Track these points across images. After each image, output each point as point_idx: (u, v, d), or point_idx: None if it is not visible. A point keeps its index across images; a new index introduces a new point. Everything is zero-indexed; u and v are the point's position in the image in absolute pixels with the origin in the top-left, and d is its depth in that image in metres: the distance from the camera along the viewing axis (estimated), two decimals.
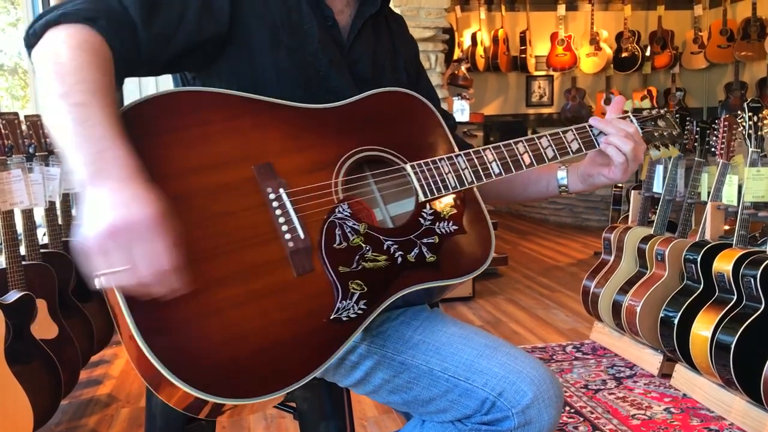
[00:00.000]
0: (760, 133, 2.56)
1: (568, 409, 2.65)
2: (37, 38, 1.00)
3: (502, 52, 8.00)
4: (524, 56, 8.07)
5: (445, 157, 1.21)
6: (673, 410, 2.62)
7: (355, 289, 1.07)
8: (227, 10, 1.14)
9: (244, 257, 1.01)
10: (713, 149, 2.87)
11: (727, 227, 2.88)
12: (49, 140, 2.82)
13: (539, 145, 1.27)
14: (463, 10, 7.99)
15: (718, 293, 2.57)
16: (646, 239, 3.06)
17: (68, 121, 0.93)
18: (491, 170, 1.23)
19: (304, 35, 1.20)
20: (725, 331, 2.41)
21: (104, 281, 0.90)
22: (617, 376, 2.99)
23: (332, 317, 1.04)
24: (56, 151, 2.88)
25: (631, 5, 7.97)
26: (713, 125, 2.92)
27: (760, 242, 2.76)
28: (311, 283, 1.04)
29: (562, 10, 7.98)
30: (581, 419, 2.56)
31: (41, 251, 2.54)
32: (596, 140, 1.30)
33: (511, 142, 1.26)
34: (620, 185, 5.89)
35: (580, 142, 1.30)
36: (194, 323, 0.96)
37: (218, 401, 0.94)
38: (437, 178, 1.19)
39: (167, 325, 0.94)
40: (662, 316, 2.79)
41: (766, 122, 2.56)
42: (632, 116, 1.37)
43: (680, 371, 2.82)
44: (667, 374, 2.91)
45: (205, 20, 1.11)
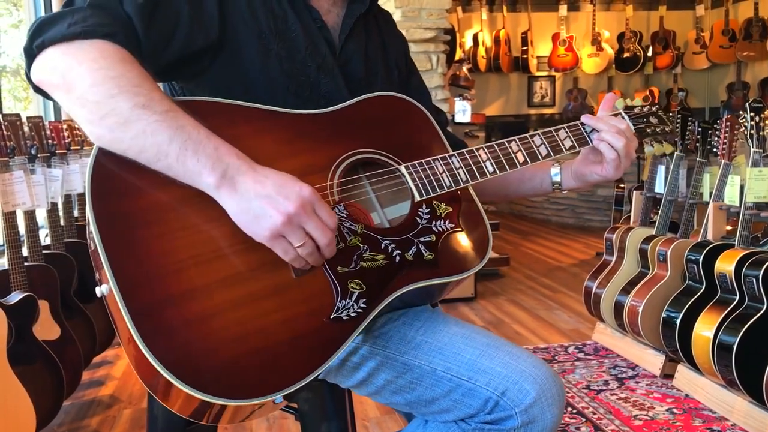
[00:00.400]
0: (762, 133, 2.56)
1: (570, 409, 2.65)
2: (40, 51, 0.99)
3: (503, 52, 8.01)
4: (526, 57, 8.08)
5: (438, 157, 1.22)
6: (675, 411, 2.62)
7: (354, 288, 1.07)
8: (216, 21, 1.15)
9: (242, 259, 1.02)
10: (715, 149, 2.87)
11: (729, 228, 2.88)
12: (51, 142, 2.82)
13: (532, 143, 1.28)
14: (464, 10, 8.00)
15: (720, 294, 2.57)
16: (648, 240, 3.06)
17: (166, 130, 0.96)
18: (485, 169, 1.24)
19: (291, 42, 1.21)
20: (727, 331, 2.41)
21: (292, 257, 0.99)
22: (619, 376, 2.99)
23: (332, 316, 1.04)
24: (58, 152, 2.88)
25: (632, 5, 7.97)
26: (715, 125, 2.92)
27: (762, 243, 2.76)
28: (310, 283, 1.05)
29: (563, 10, 7.98)
30: (583, 420, 2.56)
31: (43, 252, 2.54)
32: (589, 137, 1.31)
33: (504, 141, 1.27)
34: (622, 185, 5.89)
35: (573, 139, 1.30)
36: (194, 325, 0.96)
37: (219, 402, 0.94)
38: (432, 177, 1.20)
39: (167, 327, 0.94)
40: (664, 316, 2.79)
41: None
42: (624, 113, 1.37)
43: (682, 372, 2.82)
44: (669, 375, 2.91)
45: (195, 32, 1.12)
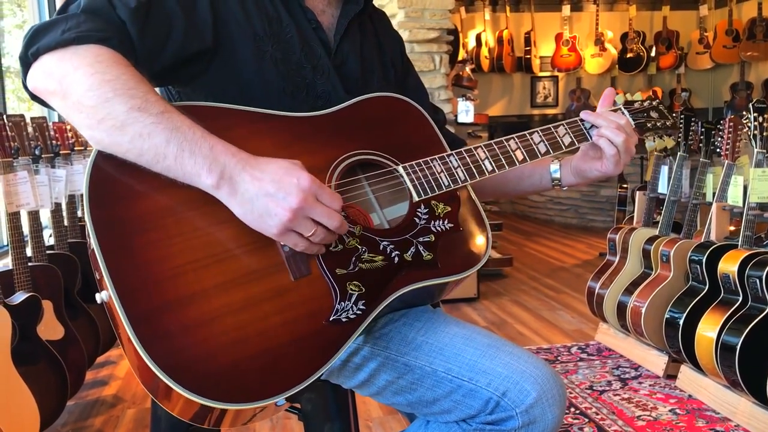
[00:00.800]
0: (765, 133, 2.56)
1: (573, 410, 2.65)
2: (35, 59, 1.00)
3: (506, 52, 8.00)
4: (529, 57, 8.07)
5: (436, 156, 1.22)
6: (678, 411, 2.61)
7: (353, 290, 1.07)
8: (210, 26, 1.15)
9: (241, 263, 1.02)
10: (718, 150, 2.87)
11: (732, 228, 2.88)
12: (55, 142, 2.83)
13: (531, 141, 1.28)
14: (467, 11, 7.99)
15: (723, 294, 2.56)
16: (651, 240, 3.06)
17: (162, 132, 0.96)
18: (484, 168, 1.23)
19: (286, 44, 1.21)
20: (730, 332, 2.40)
21: (304, 247, 1.00)
22: (622, 377, 2.99)
23: (332, 318, 1.05)
24: (62, 152, 2.89)
25: (636, 5, 7.96)
26: (718, 126, 2.92)
27: (765, 243, 2.76)
28: (309, 286, 1.05)
29: (566, 10, 7.97)
30: (586, 420, 2.56)
31: (47, 252, 2.55)
32: (588, 133, 1.30)
33: (502, 139, 1.26)
34: (625, 186, 5.88)
35: (572, 136, 1.30)
36: (193, 330, 0.96)
37: (219, 406, 0.94)
38: (430, 177, 1.19)
39: (166, 332, 0.95)
40: (667, 317, 2.79)
41: None
42: (624, 108, 1.37)
43: (685, 372, 2.81)
44: (672, 375, 2.91)
45: (190, 36, 1.13)
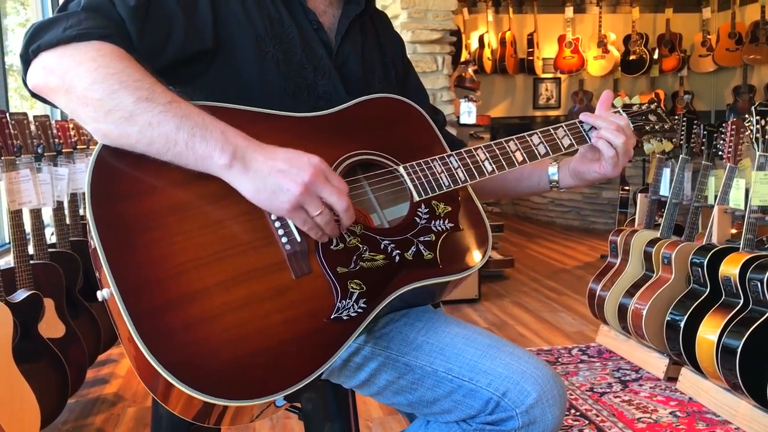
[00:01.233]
0: (767, 136, 2.56)
1: (573, 412, 2.65)
2: (36, 56, 1.00)
3: (509, 54, 8.00)
4: (531, 58, 8.06)
5: (437, 157, 1.22)
6: (678, 414, 2.61)
7: (354, 288, 1.07)
8: (210, 27, 1.15)
9: (242, 262, 1.02)
10: (720, 153, 2.87)
11: (734, 231, 2.88)
12: (57, 141, 2.84)
13: (531, 142, 1.28)
14: (470, 12, 7.99)
15: (724, 297, 2.56)
16: (652, 242, 3.06)
17: (171, 120, 0.98)
18: (484, 168, 1.24)
19: (288, 45, 1.21)
20: (731, 335, 2.40)
21: (310, 227, 1.02)
22: (623, 379, 2.99)
23: (333, 317, 1.05)
24: (64, 151, 2.89)
25: (639, 8, 7.95)
26: (721, 129, 2.92)
27: (767, 246, 2.75)
28: (310, 284, 1.05)
29: (569, 12, 7.96)
30: (586, 422, 2.56)
31: (49, 251, 2.55)
32: (587, 135, 1.31)
33: (502, 140, 1.27)
34: (627, 188, 5.88)
35: (571, 138, 1.30)
36: (195, 327, 0.96)
37: (221, 403, 0.94)
38: (430, 177, 1.20)
39: (168, 330, 0.95)
40: (668, 319, 2.79)
41: None
42: (622, 111, 1.37)
43: (686, 375, 2.81)
44: (672, 378, 2.91)
45: (190, 37, 1.13)
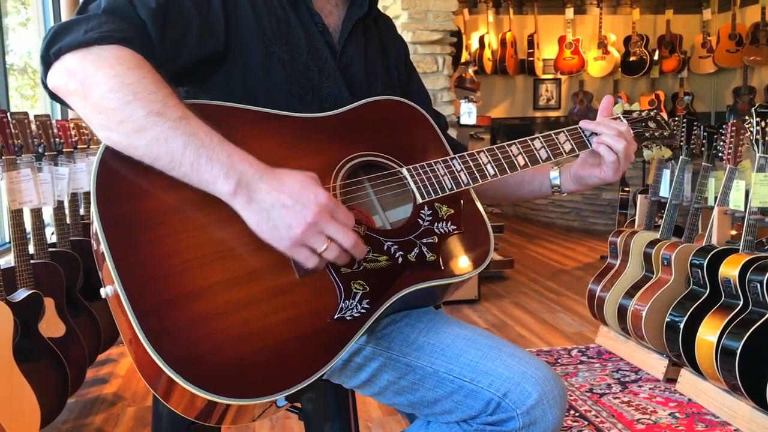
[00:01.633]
0: (767, 138, 2.56)
1: (572, 413, 2.65)
2: (57, 58, 0.99)
3: (509, 55, 8.01)
4: (532, 59, 8.07)
5: (440, 160, 1.23)
6: (678, 415, 2.62)
7: (357, 288, 1.08)
8: (222, 28, 1.16)
9: (246, 261, 1.02)
10: (720, 154, 2.87)
11: (733, 232, 2.88)
12: (58, 140, 2.84)
13: (533, 146, 1.30)
14: (471, 12, 8.00)
15: (724, 298, 2.57)
16: (652, 243, 3.06)
17: (180, 138, 0.95)
18: (486, 172, 1.25)
19: (294, 46, 1.22)
20: (731, 336, 2.41)
21: (314, 264, 0.99)
22: (622, 380, 2.99)
23: (336, 317, 1.05)
24: (65, 150, 2.89)
25: (639, 9, 7.97)
26: (721, 130, 2.92)
27: (766, 248, 2.76)
28: (313, 284, 1.05)
29: (570, 13, 7.97)
30: (586, 423, 2.56)
31: (49, 250, 2.55)
32: (588, 141, 1.32)
33: (504, 144, 1.28)
34: (627, 189, 5.88)
35: (572, 143, 1.31)
36: (199, 325, 0.97)
37: (223, 401, 0.94)
38: (433, 180, 1.21)
39: (172, 327, 0.95)
40: (668, 320, 2.79)
41: None
42: (623, 117, 1.38)
43: (685, 376, 2.81)
44: (672, 379, 2.91)
45: (205, 39, 1.14)
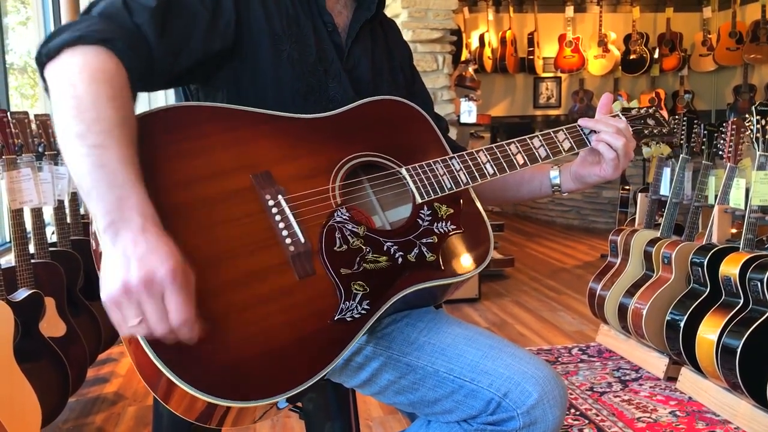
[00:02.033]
0: (767, 136, 2.56)
1: (573, 411, 2.65)
2: (50, 58, 0.99)
3: (509, 53, 8.00)
4: (532, 58, 8.07)
5: (439, 159, 1.23)
6: (678, 413, 2.62)
7: (357, 289, 1.08)
8: (233, 27, 1.16)
9: (246, 263, 1.02)
10: (721, 152, 2.87)
11: (734, 231, 2.88)
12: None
13: (531, 145, 1.30)
14: (470, 11, 8.00)
15: (724, 297, 2.57)
16: (652, 242, 3.06)
17: (87, 165, 0.92)
18: (485, 171, 1.25)
19: (303, 45, 1.22)
20: (731, 334, 2.41)
21: (123, 332, 0.91)
22: (623, 378, 2.99)
23: (336, 318, 1.05)
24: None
25: (639, 7, 7.96)
26: (721, 128, 2.92)
27: (767, 246, 2.76)
28: (314, 285, 1.06)
29: (570, 11, 7.97)
30: (586, 422, 2.56)
31: (50, 250, 2.55)
32: (587, 139, 1.32)
33: (503, 143, 1.28)
34: (627, 187, 5.88)
35: (571, 141, 1.31)
36: (198, 327, 0.96)
37: (224, 404, 0.94)
38: (433, 180, 1.21)
39: None
40: (668, 319, 2.79)
41: None
42: (621, 115, 1.38)
43: (686, 374, 2.81)
44: (672, 377, 2.91)
45: (212, 37, 1.13)
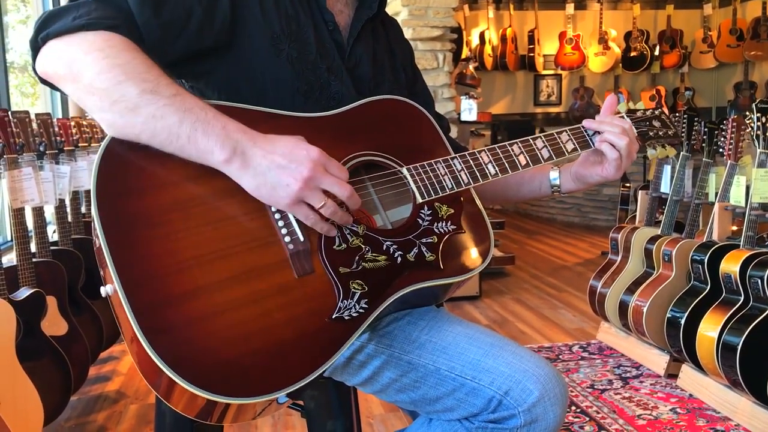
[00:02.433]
0: None
1: (574, 408, 2.66)
2: (44, 43, 1.00)
3: (510, 51, 8.00)
4: (532, 55, 8.06)
5: (440, 159, 1.23)
6: (679, 410, 2.62)
7: (356, 288, 1.08)
8: (229, 21, 1.15)
9: (245, 260, 1.03)
10: (721, 150, 2.87)
11: (734, 228, 2.88)
12: (59, 138, 2.84)
13: (534, 146, 1.29)
14: (471, 8, 7.99)
15: (725, 294, 2.57)
16: (653, 239, 3.06)
17: (173, 112, 0.99)
18: (487, 171, 1.24)
19: (303, 43, 1.22)
20: (732, 332, 2.41)
21: (316, 221, 1.03)
22: (623, 376, 2.99)
23: (334, 316, 1.05)
24: (66, 149, 2.90)
25: (640, 4, 7.95)
26: (721, 125, 2.92)
27: (767, 243, 2.76)
28: (312, 283, 1.06)
29: (570, 8, 7.96)
30: (587, 419, 2.57)
31: (51, 249, 2.56)
32: (591, 140, 1.31)
33: (506, 143, 1.28)
34: (628, 185, 5.88)
35: (575, 142, 1.31)
36: (197, 324, 0.97)
37: (223, 400, 0.95)
38: (434, 179, 1.20)
39: (170, 326, 0.96)
40: (669, 316, 2.79)
41: None
42: (626, 116, 1.38)
43: (686, 372, 2.82)
44: (673, 374, 2.91)
45: (206, 29, 1.13)
